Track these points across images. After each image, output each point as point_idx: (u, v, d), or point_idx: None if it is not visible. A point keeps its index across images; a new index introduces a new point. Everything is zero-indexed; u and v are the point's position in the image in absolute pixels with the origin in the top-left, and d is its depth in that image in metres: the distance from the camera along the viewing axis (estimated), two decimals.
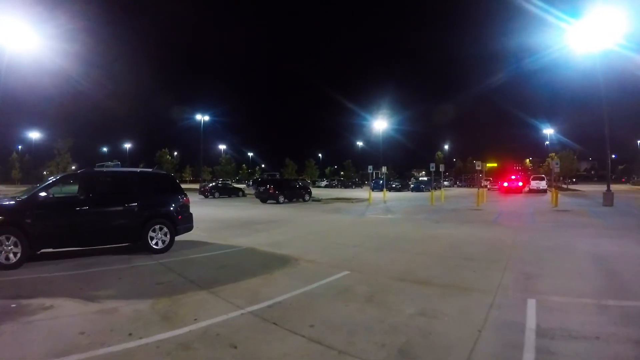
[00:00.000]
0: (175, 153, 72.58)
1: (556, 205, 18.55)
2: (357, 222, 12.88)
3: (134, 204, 7.19)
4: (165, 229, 7.37)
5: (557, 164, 19.33)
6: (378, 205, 20.68)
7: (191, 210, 8.26)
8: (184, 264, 6.45)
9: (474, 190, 43.26)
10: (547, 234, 9.51)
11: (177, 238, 7.71)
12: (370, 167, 23.31)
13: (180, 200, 7.91)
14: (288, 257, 6.79)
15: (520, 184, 34.41)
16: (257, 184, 24.45)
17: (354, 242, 8.43)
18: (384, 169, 24.60)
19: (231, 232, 10.20)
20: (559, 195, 28.54)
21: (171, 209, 7.68)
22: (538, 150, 69.63)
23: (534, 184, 32.73)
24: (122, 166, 8.29)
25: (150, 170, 8.71)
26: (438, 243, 8.43)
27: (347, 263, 6.35)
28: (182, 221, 7.78)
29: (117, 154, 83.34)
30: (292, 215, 15.35)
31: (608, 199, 18.70)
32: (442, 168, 21.60)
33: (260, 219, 13.67)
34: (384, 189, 26.26)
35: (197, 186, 32.82)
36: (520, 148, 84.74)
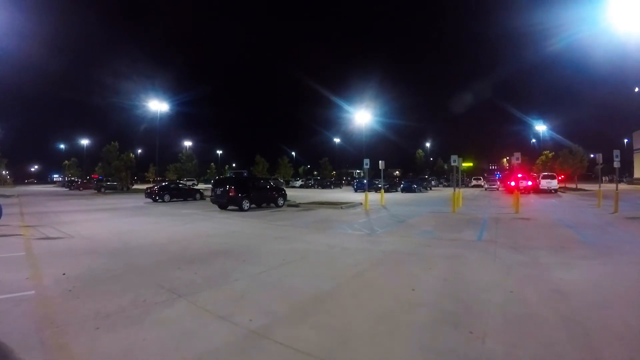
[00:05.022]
0: (140, 151, 65.42)
1: (616, 211, 14.03)
2: (377, 256, 6.98)
3: None
4: None
5: (616, 156, 14.55)
6: (380, 214, 15.06)
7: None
8: None
9: (471, 190, 38.43)
10: None
11: None
12: (366, 160, 17.64)
13: None
14: None
15: (530, 183, 30.11)
16: (214, 184, 17.95)
17: None
18: (381, 164, 18.97)
19: (111, 304, 4.22)
20: (572, 197, 24.67)
21: None
22: (523, 148, 67.00)
23: (545, 184, 28.53)
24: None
25: None
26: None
27: None
28: None
29: (74, 151, 74.12)
30: (258, 237, 9.39)
31: None
32: (456, 161, 16.41)
33: (200, 249, 7.69)
34: (382, 190, 20.79)
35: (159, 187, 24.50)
36: (502, 146, 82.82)
